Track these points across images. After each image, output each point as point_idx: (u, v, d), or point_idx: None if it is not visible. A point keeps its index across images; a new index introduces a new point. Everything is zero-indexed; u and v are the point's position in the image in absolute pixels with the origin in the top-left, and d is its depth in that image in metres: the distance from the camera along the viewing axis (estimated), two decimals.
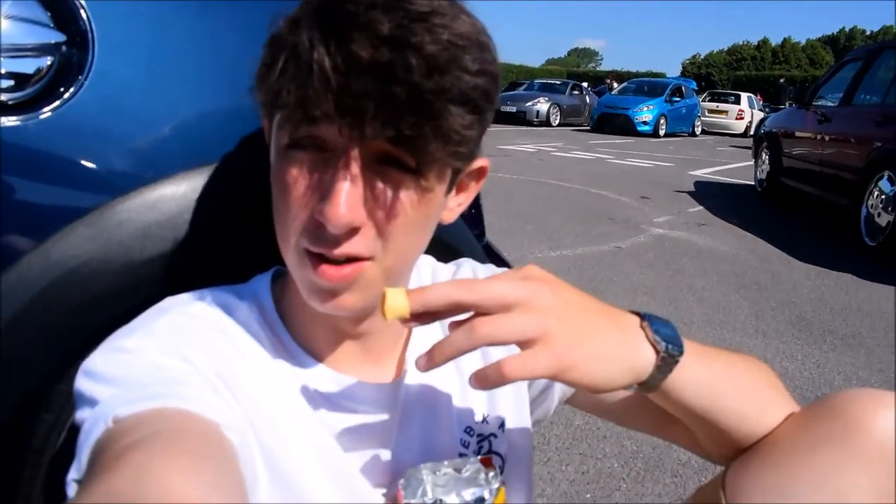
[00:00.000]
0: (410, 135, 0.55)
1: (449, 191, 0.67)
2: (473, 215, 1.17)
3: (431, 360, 0.57)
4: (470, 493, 0.66)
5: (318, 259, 0.60)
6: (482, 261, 0.90)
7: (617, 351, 0.60)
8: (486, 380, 0.56)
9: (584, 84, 24.79)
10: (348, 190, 0.57)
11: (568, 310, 0.58)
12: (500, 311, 0.56)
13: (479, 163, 0.69)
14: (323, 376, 0.69)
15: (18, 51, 0.76)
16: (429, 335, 0.78)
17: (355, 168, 0.58)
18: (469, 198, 0.72)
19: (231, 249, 0.86)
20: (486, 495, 0.66)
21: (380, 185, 0.59)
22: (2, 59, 0.75)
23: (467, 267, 0.85)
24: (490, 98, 0.60)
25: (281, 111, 0.59)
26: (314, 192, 0.59)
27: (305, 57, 0.54)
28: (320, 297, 0.62)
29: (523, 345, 0.57)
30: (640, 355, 0.62)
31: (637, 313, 0.65)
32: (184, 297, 0.68)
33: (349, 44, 0.53)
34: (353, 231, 0.59)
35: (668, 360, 0.62)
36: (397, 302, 0.56)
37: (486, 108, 0.60)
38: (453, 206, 0.70)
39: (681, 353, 0.63)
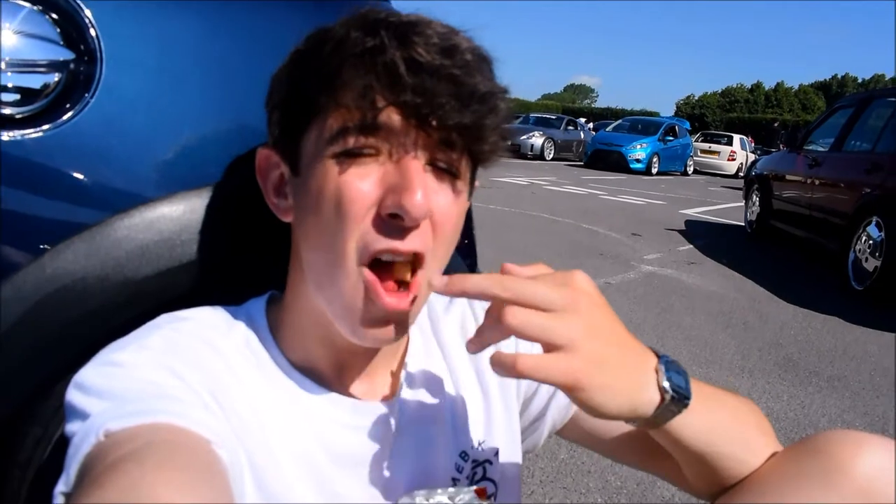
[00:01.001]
0: (478, 124, 0.61)
1: (469, 196, 0.71)
2: (466, 245, 1.18)
3: (477, 344, 0.61)
4: None
5: (379, 283, 0.63)
6: None
7: (626, 386, 0.61)
8: (501, 364, 0.56)
9: (582, 119, 24.97)
10: (422, 181, 0.61)
11: (598, 331, 0.59)
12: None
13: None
14: (316, 395, 0.69)
15: (27, 66, 0.77)
16: (423, 354, 0.78)
17: (423, 161, 0.62)
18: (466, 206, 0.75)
19: (227, 271, 0.87)
20: None
21: (438, 184, 0.64)
22: (11, 73, 0.76)
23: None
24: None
25: (334, 115, 0.62)
26: (383, 190, 0.61)
27: (379, 57, 0.59)
28: (369, 327, 0.64)
29: (547, 347, 0.57)
30: (646, 397, 0.62)
31: (657, 354, 0.66)
32: (178, 314, 0.69)
33: (414, 48, 0.59)
34: (418, 225, 0.62)
35: (670, 407, 0.63)
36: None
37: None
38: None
39: (685, 405, 0.64)
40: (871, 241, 5.09)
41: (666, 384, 0.63)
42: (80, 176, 0.79)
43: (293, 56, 0.67)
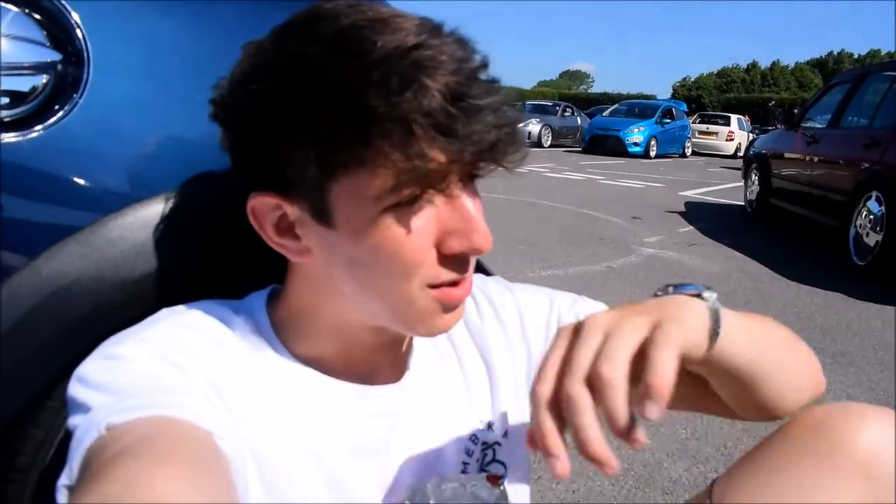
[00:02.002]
0: (509, 142, 0.60)
1: None
2: None
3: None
4: None
5: (448, 289, 0.64)
6: None
7: (685, 314, 0.62)
8: (655, 398, 0.52)
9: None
10: (479, 211, 0.63)
11: (639, 309, 0.60)
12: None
13: None
14: (321, 384, 0.69)
15: (14, 69, 0.77)
16: (429, 338, 0.78)
17: (466, 193, 0.62)
18: None
19: (224, 268, 0.87)
20: None
21: (473, 194, 0.64)
22: None
23: None
24: None
25: (377, 173, 0.57)
26: (438, 234, 0.61)
27: (413, 104, 0.54)
28: (451, 316, 0.66)
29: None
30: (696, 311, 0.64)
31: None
32: (178, 308, 0.68)
33: (443, 83, 0.55)
34: None
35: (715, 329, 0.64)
36: None
37: None
38: None
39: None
40: (871, 217, 5.08)
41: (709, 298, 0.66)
42: (70, 177, 0.79)
43: (285, 94, 0.59)
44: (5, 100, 0.76)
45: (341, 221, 0.61)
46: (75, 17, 0.79)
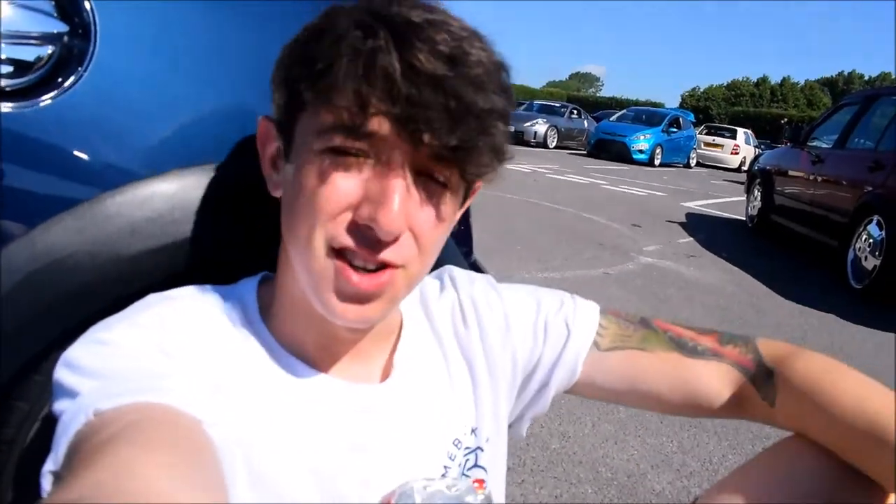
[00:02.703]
0: (468, 146, 0.59)
1: (461, 205, 0.70)
2: (462, 232, 1.17)
3: None
4: None
5: (348, 267, 0.62)
6: None
7: None
8: None
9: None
10: (402, 197, 0.60)
11: None
12: None
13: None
14: (306, 377, 0.69)
15: (20, 38, 0.76)
16: (416, 336, 0.78)
17: (408, 178, 0.61)
18: (462, 210, 0.74)
19: (219, 251, 0.86)
20: None
21: (423, 195, 0.62)
22: (3, 45, 0.75)
23: (447, 275, 0.85)
24: (510, 119, 0.64)
25: (326, 112, 0.59)
26: (360, 198, 0.60)
27: (372, 60, 0.56)
28: (341, 305, 0.63)
29: None
30: None
31: None
32: (168, 294, 0.68)
33: (415, 54, 0.56)
34: (395, 238, 0.61)
35: None
36: None
37: (509, 128, 0.65)
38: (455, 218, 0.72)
39: None
40: (871, 240, 5.08)
41: None
42: (71, 150, 0.78)
43: (301, 35, 0.64)
44: (9, 69, 0.75)
45: (294, 156, 0.65)
46: None
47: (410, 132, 0.57)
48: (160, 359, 0.59)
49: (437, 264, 0.94)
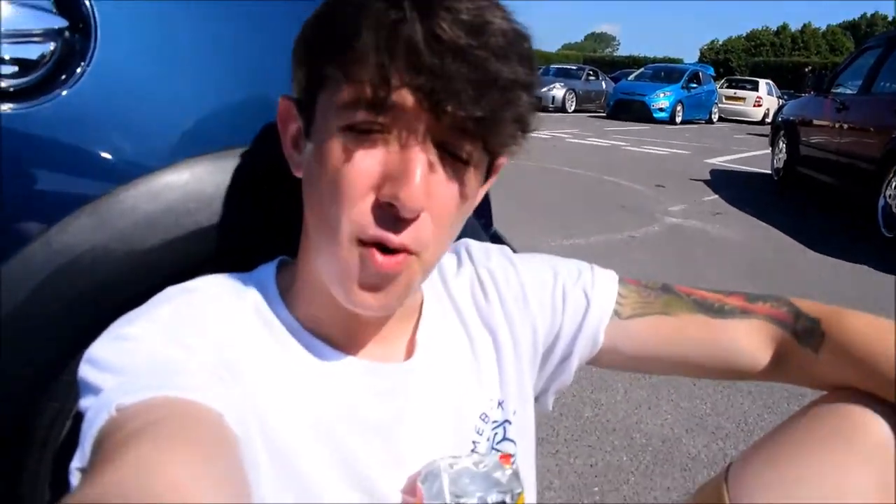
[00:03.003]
0: (493, 117, 0.57)
1: (483, 183, 0.68)
2: (481, 204, 1.16)
3: None
4: (490, 499, 0.65)
5: (374, 251, 0.60)
6: None
7: None
8: None
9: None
10: (424, 173, 0.58)
11: None
12: None
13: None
14: (329, 358, 0.68)
15: (21, 36, 0.76)
16: (437, 313, 0.77)
17: (431, 153, 0.59)
18: (485, 189, 0.73)
19: (236, 238, 0.86)
20: (508, 500, 0.65)
21: (445, 173, 0.61)
22: (4, 44, 0.74)
23: (463, 249, 0.84)
24: (535, 90, 0.63)
25: (349, 87, 0.58)
26: (383, 175, 0.59)
27: (398, 32, 0.55)
28: (360, 290, 0.62)
29: None
30: None
31: None
32: (186, 286, 0.68)
33: (439, 23, 0.55)
34: (417, 216, 0.60)
35: None
36: None
37: (535, 99, 0.63)
38: (478, 196, 0.71)
39: None
40: None
41: None
42: (78, 147, 0.79)
43: (322, 9, 0.63)
44: (12, 69, 0.75)
45: (315, 134, 0.63)
46: None
47: (434, 103, 0.56)
48: (181, 352, 0.59)
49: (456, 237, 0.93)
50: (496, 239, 1.17)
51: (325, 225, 0.62)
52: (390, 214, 0.59)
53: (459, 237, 0.86)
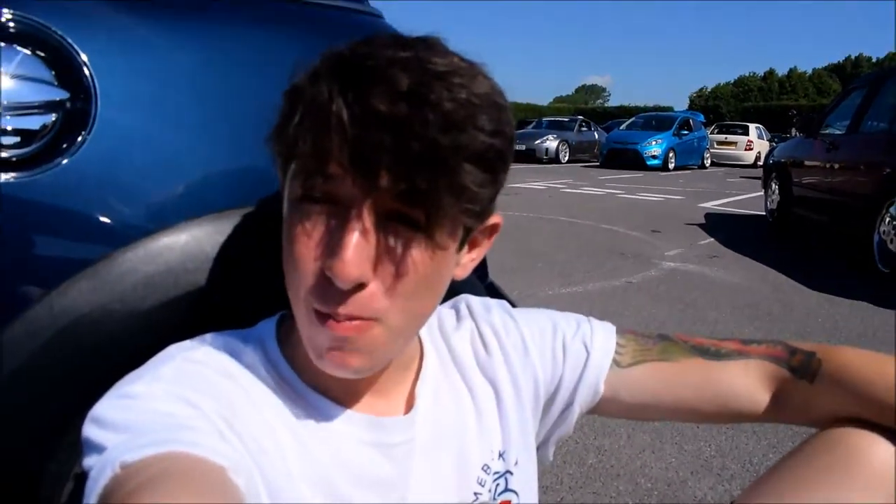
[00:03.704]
0: (424, 189, 0.56)
1: (461, 248, 0.66)
2: None
3: None
4: None
5: (326, 317, 0.60)
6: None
7: None
8: None
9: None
10: (358, 244, 0.57)
11: None
12: None
13: (492, 220, 0.69)
14: (332, 414, 0.69)
15: (23, 108, 0.79)
16: (439, 368, 0.78)
17: (367, 222, 0.58)
18: (481, 253, 0.72)
19: (233, 297, 0.87)
20: None
21: (391, 241, 0.59)
22: (7, 116, 0.77)
23: (463, 304, 0.85)
24: (504, 159, 0.61)
25: (295, 162, 0.60)
26: (323, 247, 0.59)
27: (324, 108, 0.56)
28: (327, 354, 0.62)
29: None
30: None
31: None
32: (188, 343, 0.69)
33: (368, 97, 0.54)
34: (360, 287, 0.59)
35: None
36: None
37: (500, 169, 0.61)
38: (466, 263, 0.70)
39: None
40: (895, 222, 5.01)
41: None
42: (80, 212, 0.81)
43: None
44: (14, 139, 0.78)
45: (285, 207, 0.64)
46: (81, 54, 0.81)
47: (361, 174, 0.56)
48: (184, 409, 0.59)
49: (453, 292, 0.95)
50: (492, 290, 1.19)
51: (292, 293, 0.63)
52: (333, 286, 0.59)
53: (457, 292, 0.88)
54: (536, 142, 19.26)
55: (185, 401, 0.60)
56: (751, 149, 21.43)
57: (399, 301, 0.61)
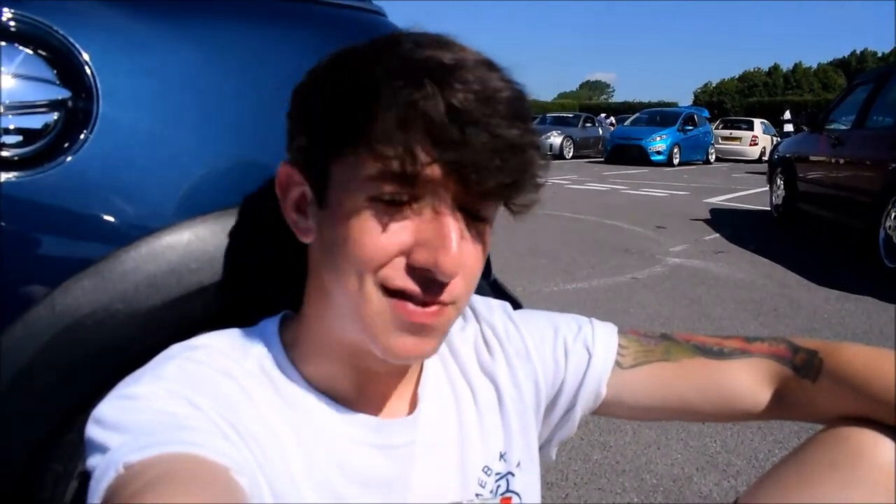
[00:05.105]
0: (516, 182, 0.60)
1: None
2: None
3: None
4: None
5: (407, 303, 0.62)
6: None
7: None
8: None
9: (602, 115, 24.80)
10: (458, 240, 0.60)
11: None
12: None
13: None
14: (336, 414, 0.69)
15: (25, 108, 0.78)
16: (441, 369, 0.78)
17: (459, 220, 0.62)
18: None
19: (236, 296, 0.87)
20: None
21: (471, 236, 0.64)
22: (9, 115, 0.77)
23: (466, 306, 0.85)
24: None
25: (372, 162, 0.59)
26: (411, 242, 0.61)
27: (420, 109, 0.56)
28: (407, 337, 0.63)
29: None
30: None
31: None
32: (190, 343, 0.68)
33: (455, 96, 0.56)
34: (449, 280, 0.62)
35: None
36: None
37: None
38: None
39: None
40: None
41: None
42: (82, 211, 0.81)
43: (320, 79, 0.65)
44: (17, 138, 0.78)
45: (332, 203, 0.64)
46: (85, 55, 0.80)
47: (461, 175, 0.58)
48: (186, 410, 0.59)
49: None
50: (496, 287, 1.18)
51: (351, 288, 0.63)
52: (423, 278, 0.61)
53: None
54: (540, 138, 19.16)
55: (186, 401, 0.60)
56: (756, 144, 21.34)
57: (470, 283, 0.66)
